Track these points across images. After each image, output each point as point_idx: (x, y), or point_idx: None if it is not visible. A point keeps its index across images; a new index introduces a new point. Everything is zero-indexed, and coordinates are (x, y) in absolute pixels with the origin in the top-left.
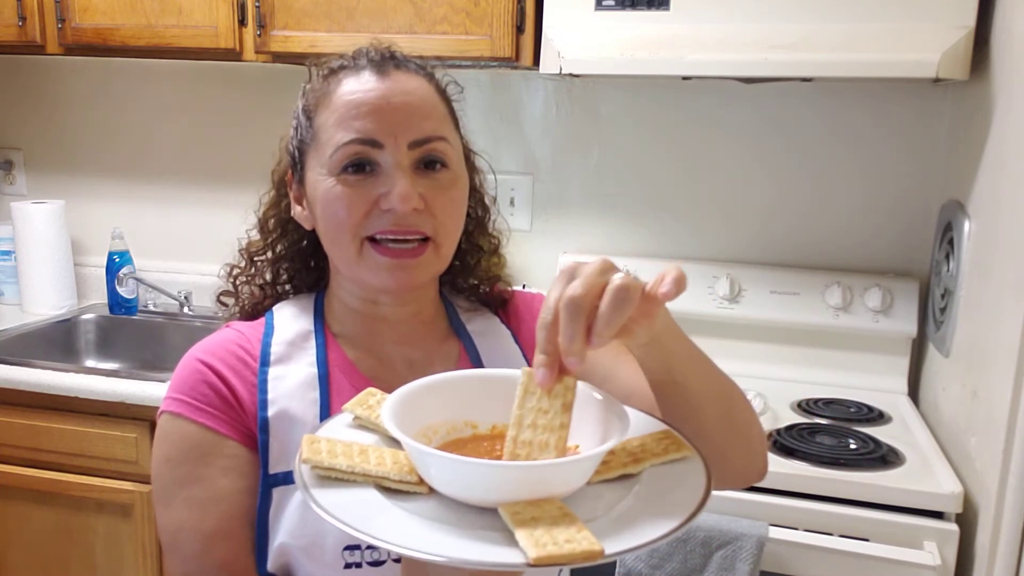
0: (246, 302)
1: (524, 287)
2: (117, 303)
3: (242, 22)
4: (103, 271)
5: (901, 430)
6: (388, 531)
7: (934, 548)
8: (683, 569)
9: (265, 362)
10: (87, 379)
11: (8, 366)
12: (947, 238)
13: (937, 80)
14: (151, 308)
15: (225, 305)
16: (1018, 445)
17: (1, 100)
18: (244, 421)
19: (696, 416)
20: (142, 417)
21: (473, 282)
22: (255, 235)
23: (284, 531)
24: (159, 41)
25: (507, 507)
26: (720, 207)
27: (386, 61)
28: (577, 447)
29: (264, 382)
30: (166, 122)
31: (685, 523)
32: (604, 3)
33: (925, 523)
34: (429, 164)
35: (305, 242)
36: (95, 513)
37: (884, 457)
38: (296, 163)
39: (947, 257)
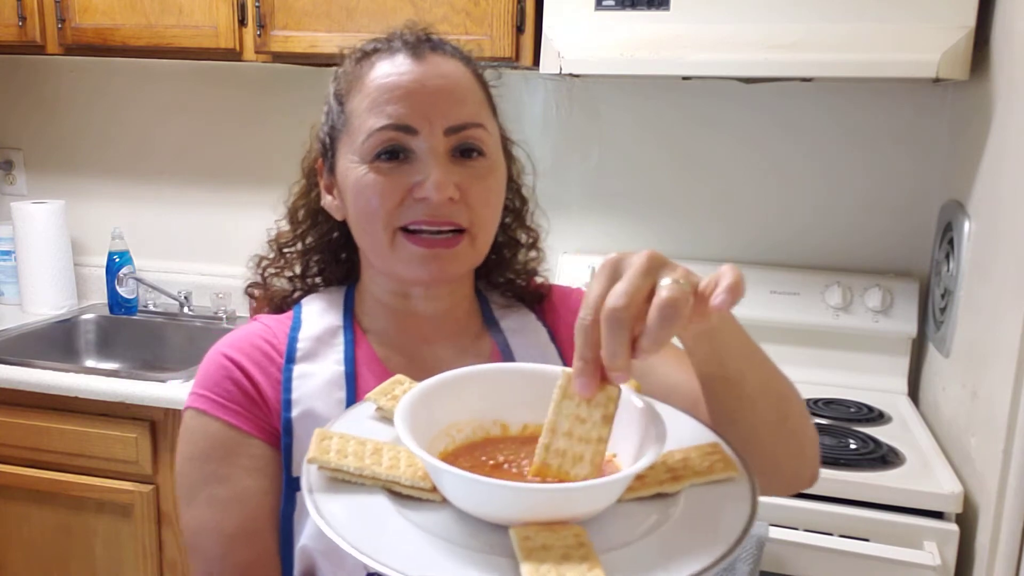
0: (275, 295)
1: None
2: (117, 303)
3: (242, 22)
4: (103, 271)
5: (901, 430)
6: (384, 548)
7: (934, 548)
8: None
9: (291, 358)
10: (87, 379)
11: (8, 366)
12: (947, 238)
13: (937, 80)
14: (151, 308)
15: (253, 297)
16: (1018, 445)
17: (1, 100)
18: (269, 419)
19: (748, 417)
20: (142, 417)
21: (510, 276)
22: (284, 226)
23: (307, 534)
24: (159, 41)
25: (519, 530)
26: (720, 207)
27: (421, 43)
28: (614, 456)
29: (288, 380)
30: (166, 122)
31: (713, 566)
32: (604, 3)
33: (925, 523)
34: (465, 152)
35: (336, 234)
36: (95, 513)
37: (884, 457)
38: (327, 150)
39: (947, 257)
